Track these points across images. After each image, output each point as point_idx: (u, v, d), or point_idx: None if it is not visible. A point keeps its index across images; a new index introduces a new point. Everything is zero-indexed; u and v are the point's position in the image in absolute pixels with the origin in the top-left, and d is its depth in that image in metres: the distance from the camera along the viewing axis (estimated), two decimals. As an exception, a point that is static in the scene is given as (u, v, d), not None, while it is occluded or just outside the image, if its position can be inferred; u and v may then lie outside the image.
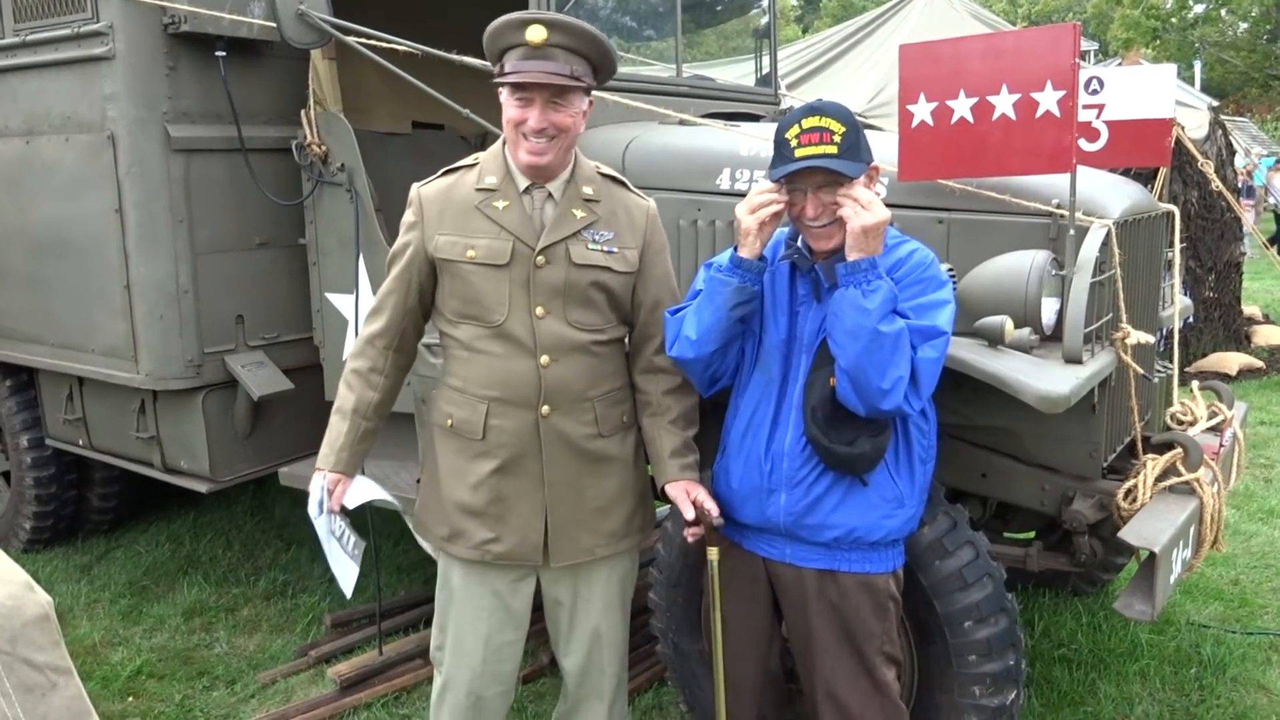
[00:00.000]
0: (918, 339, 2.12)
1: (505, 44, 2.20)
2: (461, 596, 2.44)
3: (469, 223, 2.32)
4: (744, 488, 2.33)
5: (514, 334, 2.30)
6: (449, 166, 2.42)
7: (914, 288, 2.19)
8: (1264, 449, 6.14)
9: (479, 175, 2.35)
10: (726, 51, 6.96)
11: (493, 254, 2.29)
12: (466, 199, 2.33)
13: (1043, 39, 2.61)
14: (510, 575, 2.43)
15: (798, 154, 2.11)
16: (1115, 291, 2.73)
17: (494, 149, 2.39)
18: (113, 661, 3.84)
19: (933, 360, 2.14)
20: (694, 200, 3.28)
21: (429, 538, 2.47)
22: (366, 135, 4.08)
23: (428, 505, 2.48)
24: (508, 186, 2.33)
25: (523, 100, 2.21)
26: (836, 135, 2.10)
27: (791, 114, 2.19)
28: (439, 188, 2.38)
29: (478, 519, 2.36)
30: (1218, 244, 8.32)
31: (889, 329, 2.05)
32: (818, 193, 2.15)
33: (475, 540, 2.37)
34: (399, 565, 4.63)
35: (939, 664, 2.58)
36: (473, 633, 2.43)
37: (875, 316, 2.05)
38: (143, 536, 5.08)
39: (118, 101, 3.70)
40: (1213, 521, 2.75)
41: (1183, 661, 3.63)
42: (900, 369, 2.08)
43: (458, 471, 2.38)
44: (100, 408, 4.33)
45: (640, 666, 3.59)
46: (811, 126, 2.11)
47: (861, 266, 2.07)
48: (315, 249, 3.97)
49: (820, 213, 2.15)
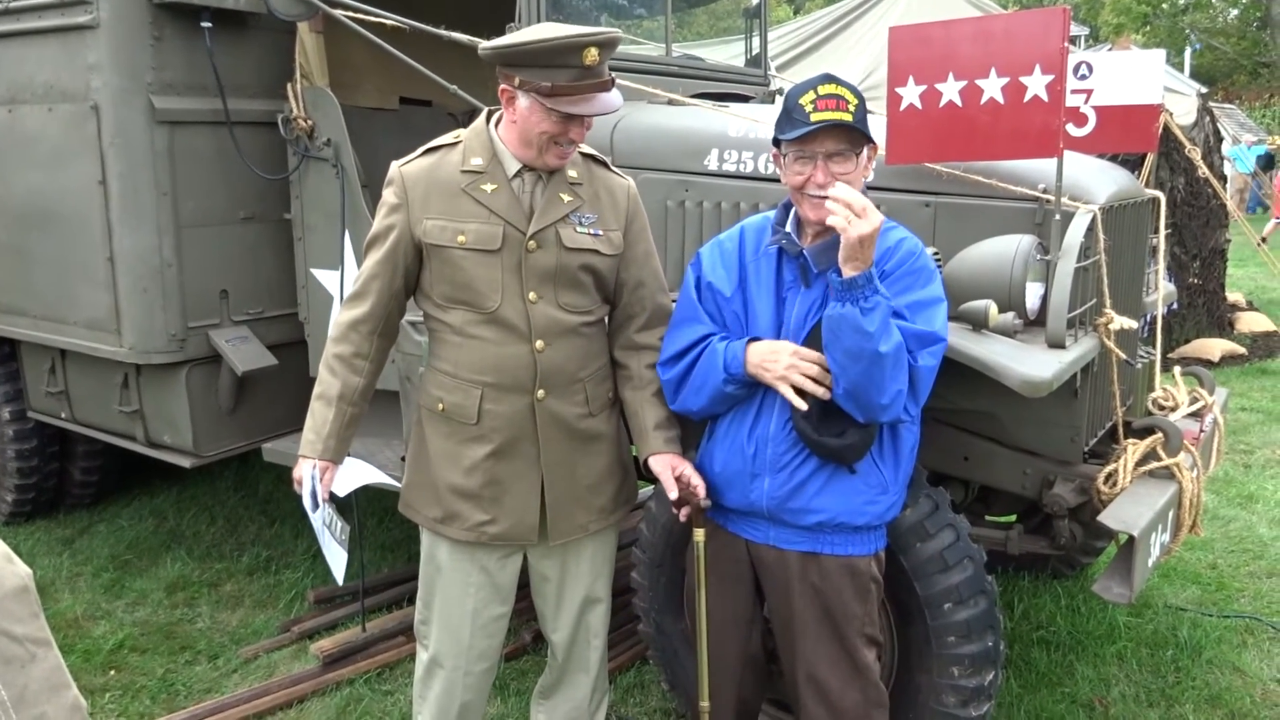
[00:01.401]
0: (915, 344, 2.12)
1: (555, 63, 2.13)
2: (449, 573, 2.44)
3: (457, 206, 2.28)
4: (728, 471, 2.34)
5: (508, 319, 2.29)
6: (429, 145, 2.36)
7: (906, 279, 2.19)
8: (1244, 435, 6.19)
9: (463, 156, 2.31)
10: (718, 32, 6.92)
11: (484, 239, 2.27)
12: (452, 180, 2.29)
13: (1032, 23, 2.60)
14: (499, 552, 2.43)
15: (814, 118, 2.10)
16: (1099, 277, 2.74)
17: (477, 127, 2.35)
18: (94, 635, 3.84)
19: (931, 368, 2.15)
20: (682, 180, 3.28)
21: (418, 518, 2.47)
22: (353, 110, 4.06)
23: (417, 485, 2.46)
24: (495, 169, 2.29)
25: (565, 118, 2.18)
26: (851, 105, 2.11)
27: (805, 82, 2.18)
28: (422, 167, 2.32)
29: (473, 501, 2.36)
30: (1203, 230, 8.35)
31: (888, 347, 2.04)
32: (828, 161, 2.15)
33: (471, 522, 2.37)
34: (383, 542, 4.63)
35: (919, 645, 2.59)
36: (460, 608, 2.44)
37: (876, 339, 2.03)
38: (125, 511, 5.07)
39: (101, 71, 3.65)
40: (1191, 506, 2.78)
41: (1160, 644, 3.67)
42: (899, 383, 2.09)
43: (450, 455, 2.37)
44: (83, 381, 4.31)
45: (622, 646, 3.60)
46: (828, 93, 2.12)
47: (859, 283, 2.04)
48: (300, 224, 3.94)
49: (828, 181, 2.14)
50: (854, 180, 2.16)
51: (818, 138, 2.13)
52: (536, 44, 2.12)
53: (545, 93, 2.14)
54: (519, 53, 2.15)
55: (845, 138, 2.13)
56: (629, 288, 2.45)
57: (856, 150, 2.16)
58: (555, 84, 2.13)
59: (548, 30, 2.16)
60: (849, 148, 2.15)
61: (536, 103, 2.17)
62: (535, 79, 2.14)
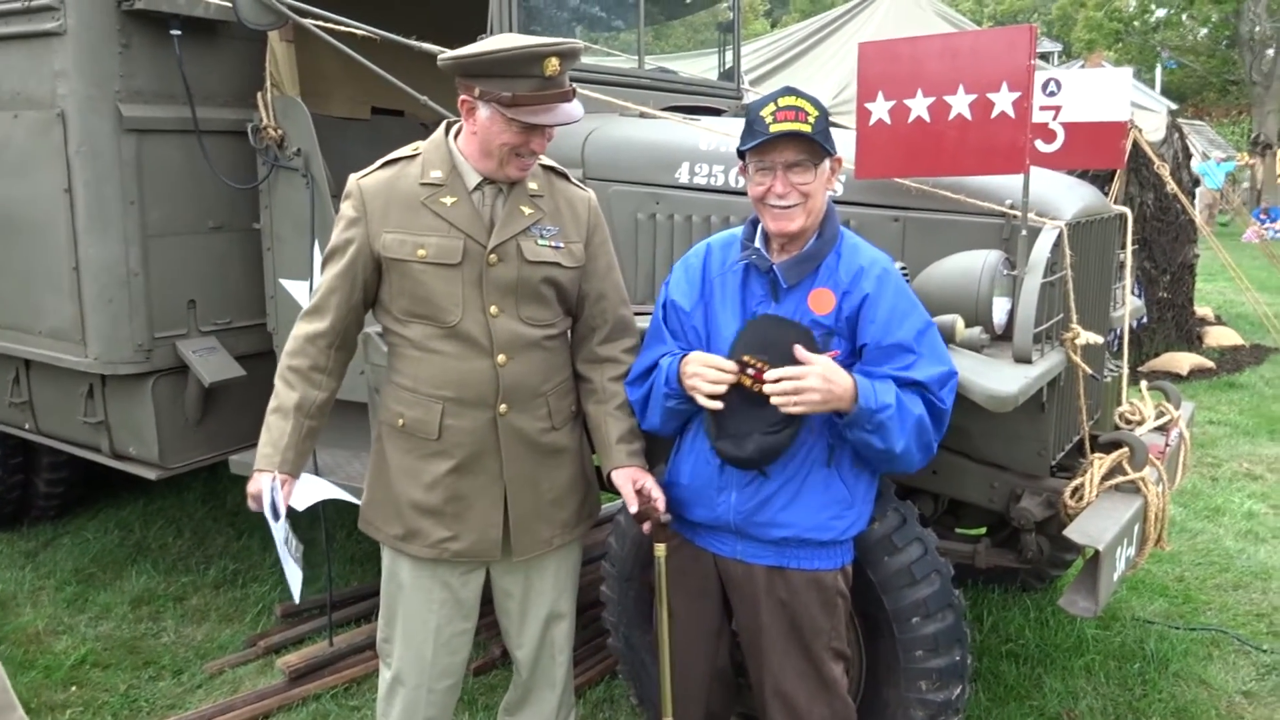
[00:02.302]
0: (937, 388, 2.17)
1: (515, 73, 2.12)
2: (411, 590, 2.41)
3: (416, 219, 2.25)
4: (695, 486, 2.34)
5: (469, 334, 2.27)
6: (388, 157, 2.33)
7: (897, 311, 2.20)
8: (1211, 448, 6.26)
9: (422, 168, 2.28)
10: (694, 44, 6.94)
11: (444, 253, 2.24)
12: (411, 194, 2.26)
13: (999, 40, 2.63)
14: (461, 568, 2.41)
15: (773, 129, 2.12)
16: (1066, 292, 2.76)
17: (435, 139, 2.32)
18: (56, 650, 3.78)
19: (952, 400, 2.21)
20: (653, 193, 3.28)
21: (379, 535, 2.43)
22: (324, 120, 4.04)
23: (377, 503, 2.42)
24: (455, 181, 2.27)
25: (527, 128, 2.18)
26: (811, 116, 2.12)
27: (767, 95, 2.21)
28: (381, 180, 2.29)
29: (434, 518, 2.33)
30: (1172, 245, 8.45)
31: (905, 443, 2.14)
32: (787, 172, 2.16)
33: (432, 539, 2.34)
34: (351, 556, 4.59)
35: (886, 659, 2.59)
36: (423, 625, 2.42)
37: (894, 441, 2.13)
38: (91, 523, 5.00)
39: (68, 78, 3.62)
40: (1157, 520, 2.80)
41: (1127, 656, 3.69)
42: (930, 445, 2.21)
43: (410, 471, 2.34)
44: (48, 391, 4.25)
45: (591, 660, 3.58)
46: (788, 105, 2.14)
47: (859, 419, 2.11)
48: (270, 234, 3.91)
49: (788, 191, 2.16)
50: (815, 191, 2.18)
51: (776, 147, 2.15)
52: (496, 54, 2.11)
53: (506, 103, 2.13)
54: (479, 62, 2.13)
55: (804, 148, 2.15)
56: (591, 300, 2.43)
57: (816, 161, 2.16)
58: (516, 94, 2.12)
59: (508, 40, 2.16)
60: (808, 158, 2.16)
61: (497, 113, 2.16)
62: (496, 89, 2.13)
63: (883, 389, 2.11)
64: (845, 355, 2.21)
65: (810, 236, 2.23)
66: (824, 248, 2.24)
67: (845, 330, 2.21)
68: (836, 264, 2.23)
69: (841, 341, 2.21)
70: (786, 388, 2.07)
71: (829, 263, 2.24)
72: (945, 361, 2.22)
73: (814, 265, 2.23)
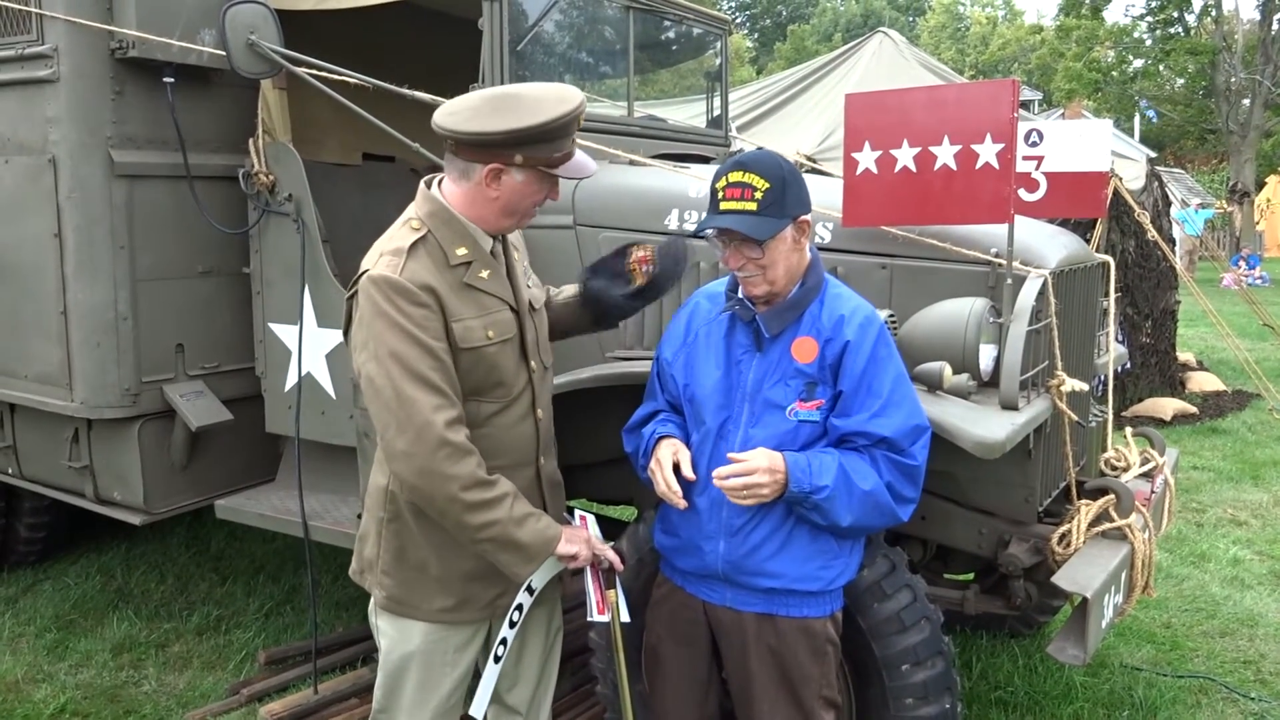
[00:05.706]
0: (907, 443, 2.17)
1: (564, 135, 2.13)
2: (424, 657, 2.34)
3: (469, 303, 2.18)
4: (683, 534, 2.34)
5: (522, 398, 2.29)
6: (394, 246, 2.15)
7: (882, 352, 2.21)
8: (1196, 493, 6.28)
9: (444, 248, 2.17)
10: (682, 91, 7.02)
11: (503, 328, 2.22)
12: (453, 280, 2.16)
13: (983, 93, 2.68)
14: (468, 631, 2.38)
15: (722, 207, 2.17)
16: (1051, 339, 2.79)
17: (436, 213, 2.20)
18: (35, 699, 3.72)
19: (925, 456, 2.21)
20: (643, 240, 3.29)
21: (418, 614, 2.31)
22: (316, 166, 4.06)
23: (411, 582, 2.29)
24: (478, 252, 2.21)
25: (553, 182, 2.20)
26: (758, 192, 2.13)
27: (724, 164, 2.24)
28: (429, 269, 2.13)
29: (484, 581, 2.29)
30: (1154, 292, 8.54)
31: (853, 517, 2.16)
32: (740, 247, 2.19)
33: (484, 601, 2.31)
34: (336, 601, 4.55)
35: (876, 706, 2.58)
36: (434, 691, 2.36)
37: (843, 519, 2.16)
38: (72, 568, 4.95)
39: (60, 125, 3.64)
40: (1144, 566, 2.81)
41: (1116, 704, 3.68)
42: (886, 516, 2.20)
43: (457, 545, 2.24)
44: (32, 435, 4.22)
45: (580, 707, 3.55)
46: (735, 182, 2.15)
47: (799, 498, 2.15)
48: (259, 279, 3.92)
49: (744, 264, 2.20)
50: (772, 261, 2.18)
51: (724, 224, 2.17)
52: (555, 121, 2.08)
53: (555, 164, 2.15)
54: (536, 132, 2.08)
55: (750, 226, 2.14)
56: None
57: (762, 238, 2.15)
58: (564, 152, 2.16)
59: (551, 104, 2.11)
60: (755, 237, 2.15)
61: (538, 174, 2.15)
62: (544, 153, 2.12)
63: (820, 468, 2.13)
64: (829, 404, 2.22)
65: (788, 291, 2.25)
66: (807, 296, 2.26)
67: (828, 378, 2.22)
68: (820, 312, 2.25)
69: (825, 390, 2.22)
70: (736, 484, 2.12)
71: (812, 310, 2.26)
72: (917, 416, 2.21)
73: (797, 314, 2.25)
